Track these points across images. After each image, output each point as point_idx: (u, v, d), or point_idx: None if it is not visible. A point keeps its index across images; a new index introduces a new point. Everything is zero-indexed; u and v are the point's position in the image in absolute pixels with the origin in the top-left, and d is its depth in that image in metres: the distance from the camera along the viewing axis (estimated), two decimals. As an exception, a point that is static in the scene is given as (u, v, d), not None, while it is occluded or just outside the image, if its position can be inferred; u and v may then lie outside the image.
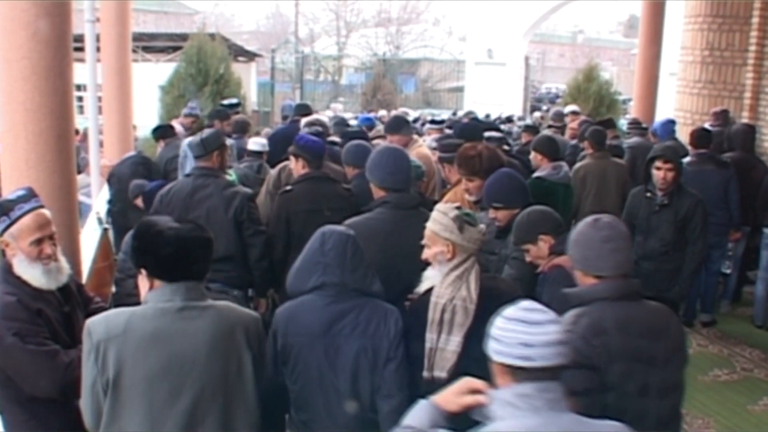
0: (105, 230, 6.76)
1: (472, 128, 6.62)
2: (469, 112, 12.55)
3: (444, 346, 2.90)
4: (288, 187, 4.72)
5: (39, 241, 2.88)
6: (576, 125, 9.08)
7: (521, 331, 1.93)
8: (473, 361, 2.47)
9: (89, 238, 6.28)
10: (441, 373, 2.85)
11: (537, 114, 17.56)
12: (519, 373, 1.91)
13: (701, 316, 7.02)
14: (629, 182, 6.73)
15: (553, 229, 3.51)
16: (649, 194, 4.90)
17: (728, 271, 7.11)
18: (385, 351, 2.90)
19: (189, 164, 7.20)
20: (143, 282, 2.52)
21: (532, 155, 5.86)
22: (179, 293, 2.44)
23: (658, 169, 4.80)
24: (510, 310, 2.00)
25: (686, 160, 6.92)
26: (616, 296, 2.52)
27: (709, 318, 7.03)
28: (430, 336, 2.91)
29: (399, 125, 6.27)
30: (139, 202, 6.50)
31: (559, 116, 10.09)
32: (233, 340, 2.50)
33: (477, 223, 3.01)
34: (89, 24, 7.95)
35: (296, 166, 4.81)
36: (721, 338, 6.75)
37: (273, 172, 5.75)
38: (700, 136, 7.05)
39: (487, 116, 15.87)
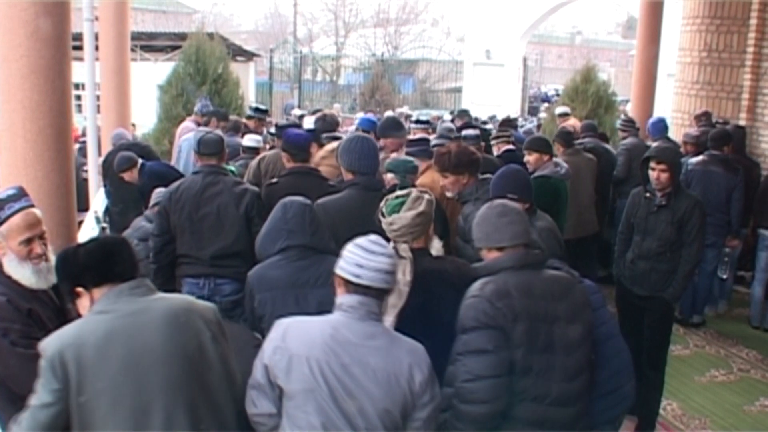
0: (103, 229, 6.76)
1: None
2: (463, 112, 12.55)
3: None
4: (274, 180, 4.87)
5: (29, 241, 2.87)
6: (570, 125, 9.08)
7: (359, 255, 2.54)
8: (410, 337, 2.65)
9: (87, 237, 6.28)
10: None
11: (542, 115, 17.54)
12: (350, 286, 2.53)
13: (692, 317, 7.04)
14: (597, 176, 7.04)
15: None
16: (648, 194, 4.91)
17: (725, 277, 7.13)
18: None
19: (183, 163, 7.24)
20: (83, 302, 2.54)
21: (531, 156, 5.87)
22: (122, 294, 2.47)
23: (652, 169, 4.82)
24: (360, 239, 2.60)
25: (697, 158, 6.93)
26: (518, 265, 2.82)
27: (700, 319, 7.04)
28: None
29: (392, 127, 6.31)
30: (128, 176, 6.54)
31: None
32: (188, 325, 2.51)
33: (387, 214, 3.30)
34: (88, 23, 7.96)
35: (284, 160, 5.01)
36: (718, 339, 6.77)
37: (253, 163, 5.84)
38: (716, 137, 7.01)
39: (493, 117, 15.92)
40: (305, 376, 2.46)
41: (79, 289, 2.52)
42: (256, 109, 8.72)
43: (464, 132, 7.00)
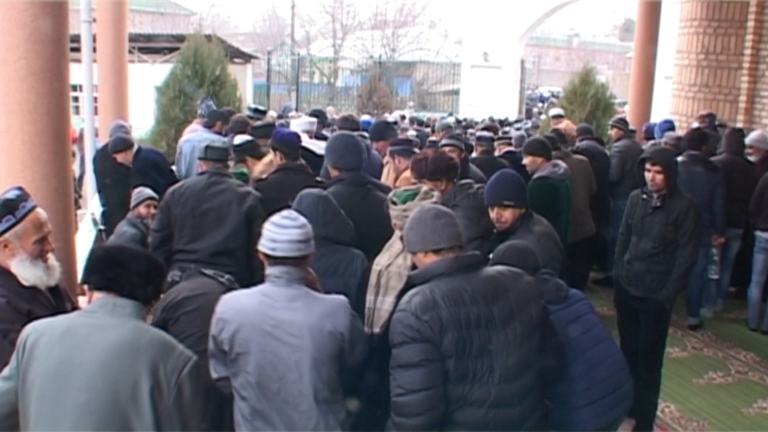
0: (100, 231, 6.75)
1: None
2: (447, 126, 12.67)
3: (380, 306, 3.39)
4: (264, 176, 5.00)
5: (41, 240, 2.89)
6: (562, 127, 9.02)
7: (273, 230, 2.90)
8: None
9: (84, 239, 6.27)
10: (377, 330, 3.34)
11: (543, 117, 17.59)
12: (270, 259, 2.90)
13: (688, 320, 7.03)
14: (592, 176, 7.08)
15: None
16: (645, 196, 4.93)
17: (716, 277, 7.12)
18: (355, 288, 3.50)
19: (185, 164, 7.24)
20: (85, 301, 2.59)
21: (527, 159, 5.96)
22: (106, 306, 2.45)
23: (647, 170, 4.85)
24: (274, 216, 2.95)
25: (677, 159, 6.95)
26: (450, 272, 2.78)
27: (696, 321, 7.04)
28: (369, 297, 3.44)
29: (382, 131, 6.39)
30: (121, 157, 6.55)
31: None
32: (129, 365, 2.34)
33: (399, 202, 3.50)
34: (86, 24, 7.96)
35: (275, 159, 5.11)
36: (716, 341, 6.77)
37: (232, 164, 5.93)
38: (693, 138, 7.09)
39: (491, 119, 16.01)
40: (241, 341, 2.84)
41: (85, 287, 2.56)
42: (255, 110, 8.74)
43: (479, 133, 7.23)
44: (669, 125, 8.38)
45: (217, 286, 3.82)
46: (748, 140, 7.49)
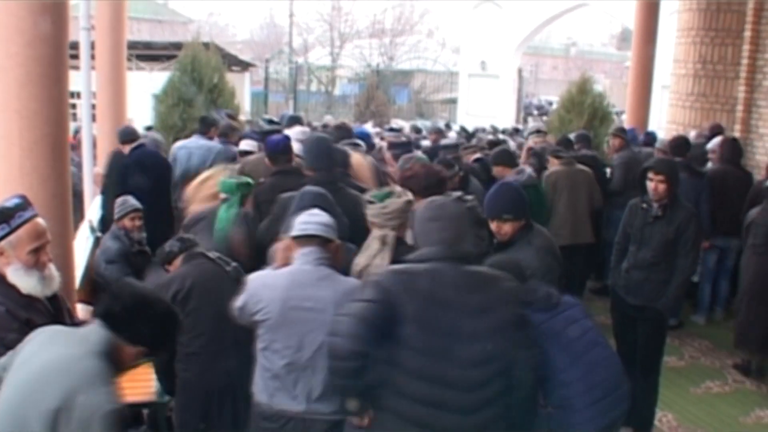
0: (98, 239, 6.73)
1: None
2: (438, 131, 12.82)
3: None
4: (261, 179, 5.22)
5: (37, 250, 2.88)
6: (540, 140, 8.86)
7: (303, 218, 3.38)
8: None
9: (81, 246, 6.25)
10: None
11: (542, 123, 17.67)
12: (300, 240, 3.34)
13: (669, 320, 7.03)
14: (596, 187, 7.16)
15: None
16: (645, 205, 4.94)
17: (696, 279, 7.14)
18: None
19: (180, 169, 7.26)
20: None
21: (495, 169, 6.20)
22: (88, 329, 2.50)
23: (650, 180, 4.87)
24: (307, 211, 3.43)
25: None
26: (439, 257, 2.89)
27: (675, 322, 7.05)
28: None
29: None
30: (127, 149, 6.68)
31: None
32: (53, 383, 2.30)
33: (376, 201, 3.75)
34: (84, 31, 7.95)
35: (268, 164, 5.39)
36: (713, 350, 6.77)
37: (237, 168, 6.11)
38: (677, 145, 7.21)
39: (493, 128, 16.07)
40: (271, 314, 3.24)
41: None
42: (270, 121, 8.87)
43: (443, 142, 7.81)
44: (650, 137, 8.52)
45: (225, 277, 3.90)
46: (709, 145, 7.63)
